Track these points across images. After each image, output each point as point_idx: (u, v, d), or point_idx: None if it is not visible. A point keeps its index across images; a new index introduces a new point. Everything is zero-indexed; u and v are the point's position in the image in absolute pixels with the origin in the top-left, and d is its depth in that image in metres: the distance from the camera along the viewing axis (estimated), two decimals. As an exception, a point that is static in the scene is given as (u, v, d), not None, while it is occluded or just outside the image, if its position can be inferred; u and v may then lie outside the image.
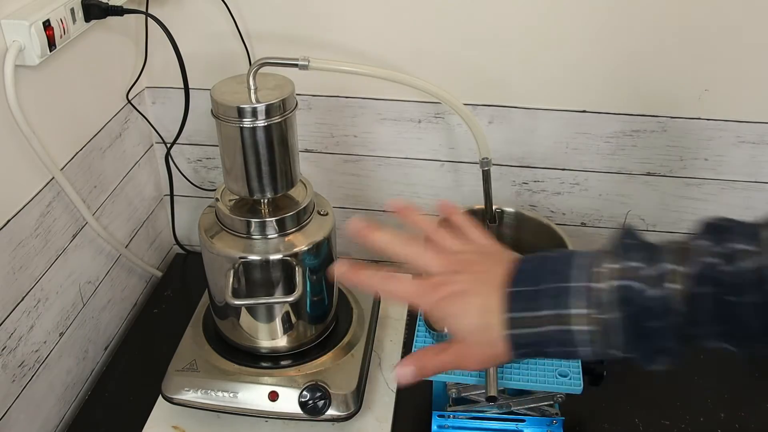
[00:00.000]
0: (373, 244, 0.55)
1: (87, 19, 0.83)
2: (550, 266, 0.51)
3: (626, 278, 0.48)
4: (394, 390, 0.93)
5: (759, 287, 0.45)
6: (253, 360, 0.88)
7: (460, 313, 0.52)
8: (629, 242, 0.50)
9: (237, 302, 0.82)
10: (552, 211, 1.09)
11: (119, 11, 0.85)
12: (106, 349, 1.03)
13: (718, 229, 0.48)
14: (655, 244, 0.50)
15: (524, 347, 0.50)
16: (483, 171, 0.93)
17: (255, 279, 0.82)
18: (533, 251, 0.98)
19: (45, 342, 0.86)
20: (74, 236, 0.90)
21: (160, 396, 0.87)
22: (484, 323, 0.51)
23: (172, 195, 1.13)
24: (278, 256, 0.80)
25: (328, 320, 0.92)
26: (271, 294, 0.83)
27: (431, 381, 0.86)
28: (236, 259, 0.80)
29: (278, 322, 0.87)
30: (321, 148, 1.07)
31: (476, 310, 0.51)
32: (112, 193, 0.99)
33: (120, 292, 1.05)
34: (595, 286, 0.49)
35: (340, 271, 0.56)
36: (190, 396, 0.85)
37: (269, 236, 0.81)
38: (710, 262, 0.47)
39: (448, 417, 0.84)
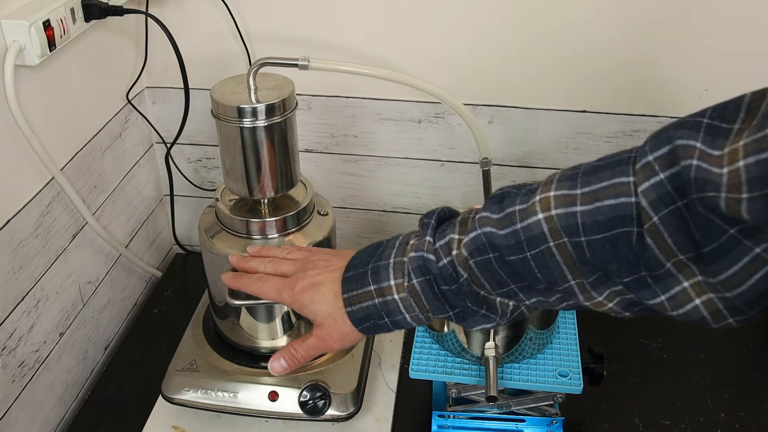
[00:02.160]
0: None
1: (87, 19, 0.83)
2: (377, 250, 0.61)
3: (421, 250, 0.57)
4: (394, 390, 0.93)
5: (533, 242, 0.50)
6: (253, 360, 0.88)
7: (314, 301, 0.61)
8: (426, 221, 0.59)
9: (237, 302, 0.82)
10: (552, 211, 1.09)
11: (119, 11, 0.85)
12: (106, 349, 1.03)
13: (502, 197, 0.54)
14: (455, 219, 0.57)
15: (362, 322, 0.60)
16: (483, 171, 0.93)
17: (255, 279, 0.82)
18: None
19: (45, 342, 0.86)
20: (74, 236, 0.90)
21: (160, 396, 0.87)
22: (333, 307, 0.60)
23: (172, 195, 1.13)
24: (278, 256, 0.80)
25: (328, 320, 0.91)
26: (271, 294, 0.83)
27: (431, 381, 0.86)
28: (236, 259, 0.80)
29: (278, 322, 0.87)
30: (321, 148, 1.07)
31: (325, 296, 0.61)
32: (112, 193, 0.99)
33: (120, 292, 1.05)
34: (400, 260, 0.58)
35: (225, 280, 0.70)
36: (190, 396, 0.85)
37: (269, 236, 0.81)
38: (487, 230, 0.53)
39: (448, 417, 0.84)
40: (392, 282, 0.58)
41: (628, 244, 0.47)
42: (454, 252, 0.55)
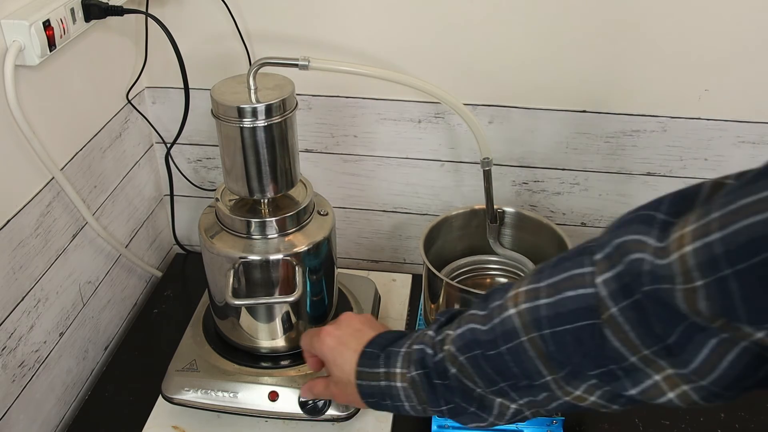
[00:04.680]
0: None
1: (87, 19, 0.83)
2: (400, 336, 0.62)
3: (422, 343, 0.58)
4: (394, 390, 0.93)
5: (507, 337, 0.50)
6: (253, 360, 0.88)
7: (336, 363, 0.64)
8: (438, 317, 0.60)
9: (237, 302, 0.82)
10: (552, 211, 1.09)
11: (119, 11, 0.85)
12: (106, 349, 1.03)
13: (488, 295, 0.55)
14: (459, 315, 0.57)
15: (369, 397, 0.62)
16: (484, 171, 0.93)
17: (255, 279, 0.82)
18: (534, 250, 0.99)
19: (45, 342, 0.86)
20: (74, 236, 0.90)
21: (160, 396, 0.87)
22: (347, 374, 0.63)
23: (172, 195, 1.13)
24: (278, 256, 0.80)
25: (328, 320, 0.91)
26: (271, 294, 0.83)
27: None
28: (236, 259, 0.80)
29: (278, 322, 0.87)
30: (321, 148, 1.07)
31: (346, 361, 0.63)
32: (112, 193, 0.99)
33: (120, 292, 1.05)
34: (408, 351, 0.59)
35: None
36: (190, 396, 0.85)
37: (269, 236, 0.81)
38: (471, 326, 0.53)
39: (448, 417, 0.84)
40: (398, 369, 0.59)
41: (592, 336, 0.45)
42: (446, 347, 0.55)
